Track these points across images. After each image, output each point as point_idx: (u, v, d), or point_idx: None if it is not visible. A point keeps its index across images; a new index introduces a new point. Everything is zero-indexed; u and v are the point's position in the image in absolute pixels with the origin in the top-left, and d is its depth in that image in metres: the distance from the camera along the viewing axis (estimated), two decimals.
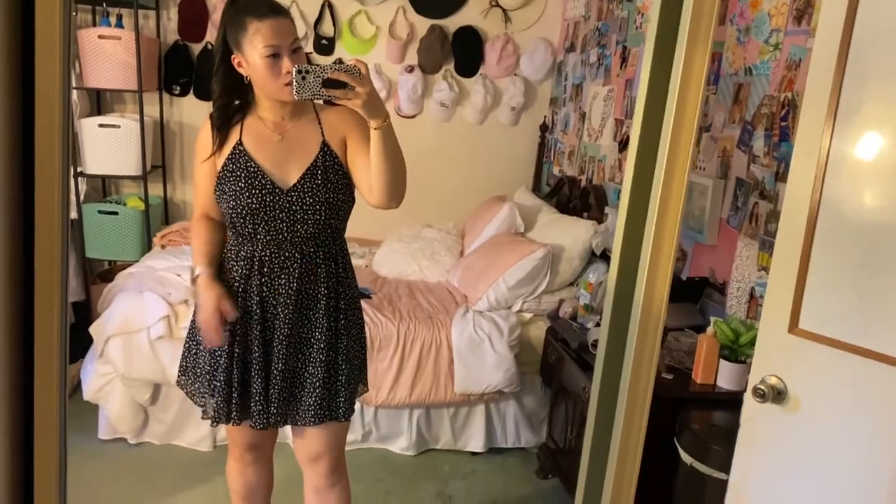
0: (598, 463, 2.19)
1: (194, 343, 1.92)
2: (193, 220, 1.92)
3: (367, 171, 1.75)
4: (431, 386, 3.01)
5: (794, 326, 1.59)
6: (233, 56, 1.74)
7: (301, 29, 4.22)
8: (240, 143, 1.79)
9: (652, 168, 2.02)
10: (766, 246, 2.32)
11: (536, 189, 4.50)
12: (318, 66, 1.54)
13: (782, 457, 1.64)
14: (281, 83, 1.69)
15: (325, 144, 1.81)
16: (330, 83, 1.53)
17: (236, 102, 1.83)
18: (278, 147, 1.80)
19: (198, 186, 1.90)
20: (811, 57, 1.55)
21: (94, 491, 2.71)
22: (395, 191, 1.74)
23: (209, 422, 1.91)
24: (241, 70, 1.75)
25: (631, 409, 2.10)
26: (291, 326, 1.82)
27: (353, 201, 1.87)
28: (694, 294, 2.68)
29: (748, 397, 1.66)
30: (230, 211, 1.78)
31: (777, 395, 1.61)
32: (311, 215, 1.78)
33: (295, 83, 1.53)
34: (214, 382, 1.86)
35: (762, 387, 1.61)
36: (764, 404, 1.62)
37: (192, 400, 1.96)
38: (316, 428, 1.88)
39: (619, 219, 2.06)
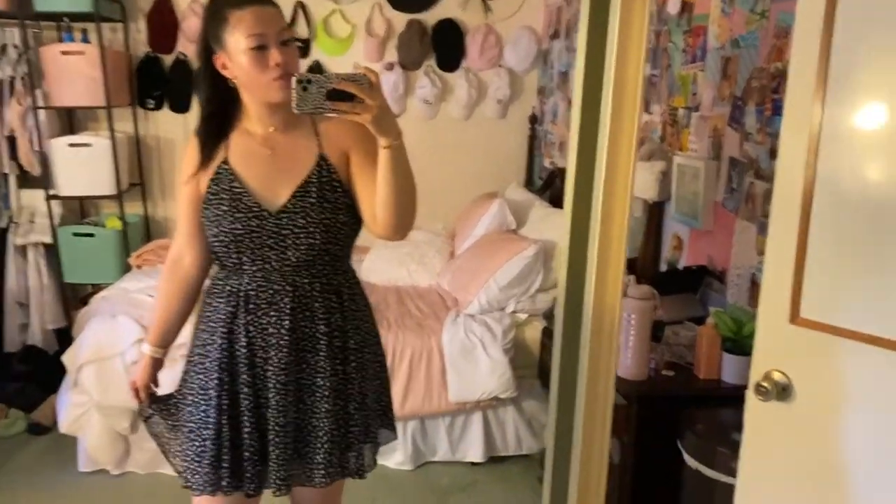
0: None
1: (180, 396, 1.67)
2: (165, 264, 1.71)
3: (371, 194, 1.52)
4: (424, 396, 2.87)
5: (795, 316, 1.45)
6: (215, 57, 1.52)
7: None
8: (225, 161, 1.58)
9: (594, 148, 1.88)
10: (765, 229, 2.16)
11: (529, 184, 4.36)
12: (321, 74, 1.33)
13: (791, 458, 1.50)
14: (269, 78, 1.48)
15: (321, 157, 1.57)
16: (335, 95, 1.32)
17: (223, 115, 1.62)
18: (268, 163, 1.57)
19: (180, 214, 1.68)
20: (795, 20, 1.40)
21: None
22: (404, 220, 1.51)
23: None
24: (225, 73, 1.53)
25: (590, 428, 2.01)
26: (288, 372, 1.57)
27: (358, 225, 1.62)
28: (693, 284, 2.53)
29: (750, 396, 1.53)
30: (213, 239, 1.58)
31: (781, 391, 1.48)
32: (303, 240, 1.54)
33: (295, 94, 1.32)
34: (199, 444, 1.59)
35: (765, 384, 1.48)
36: (768, 402, 1.49)
37: (168, 458, 1.71)
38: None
39: (564, 211, 1.96)
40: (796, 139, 1.44)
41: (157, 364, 1.73)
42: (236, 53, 1.48)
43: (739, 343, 2.14)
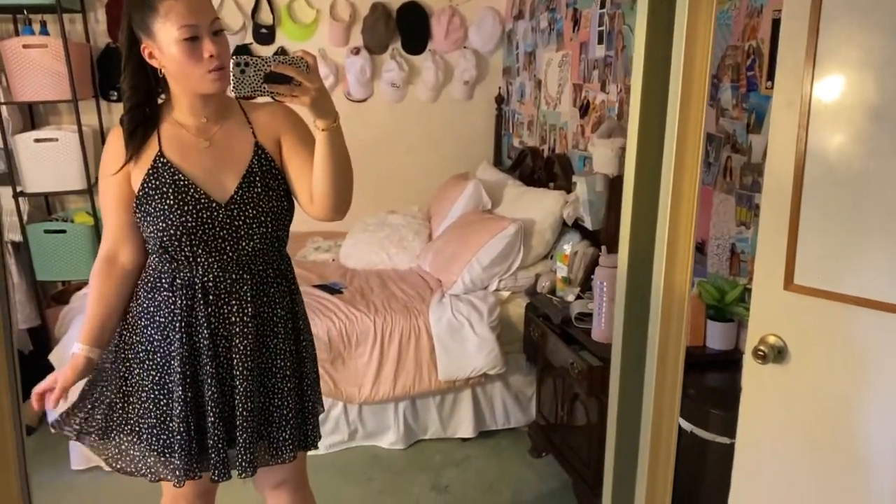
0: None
1: (121, 396, 1.62)
2: (97, 262, 1.61)
3: (306, 177, 1.56)
4: (415, 377, 2.92)
5: (789, 283, 1.54)
6: (142, 46, 1.48)
7: (238, 20, 4.05)
8: (161, 153, 1.54)
9: (660, 133, 1.84)
10: (743, 200, 2.27)
11: (498, 163, 4.41)
12: (258, 57, 1.35)
13: (788, 417, 1.60)
14: (203, 70, 1.46)
15: (258, 147, 1.59)
16: (273, 77, 1.34)
17: (149, 105, 1.57)
18: (207, 154, 1.56)
19: (107, 210, 1.60)
20: None
21: None
22: (342, 201, 1.54)
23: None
24: (152, 62, 1.49)
25: (657, 434, 1.94)
26: (253, 358, 1.59)
27: (293, 209, 1.66)
28: None
29: (748, 360, 1.62)
30: (159, 234, 1.53)
31: (777, 353, 1.57)
32: (256, 229, 1.56)
33: (233, 77, 1.33)
34: (166, 437, 1.59)
35: (762, 348, 1.57)
36: (765, 365, 1.58)
37: (121, 469, 1.64)
38: None
39: (624, 199, 1.93)
40: (786, 115, 1.51)
41: (89, 365, 1.60)
42: (167, 44, 1.44)
43: (722, 310, 2.23)
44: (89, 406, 1.65)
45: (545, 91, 3.73)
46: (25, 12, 3.52)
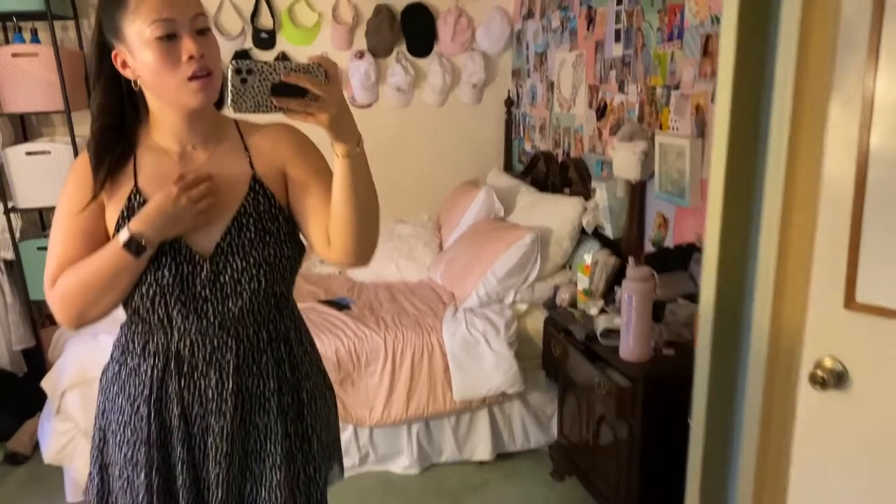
0: None
1: (97, 469, 1.40)
2: (49, 287, 1.29)
3: (320, 216, 1.29)
4: (428, 397, 2.76)
5: (850, 301, 1.39)
6: (114, 52, 1.22)
7: (237, 24, 3.90)
8: (136, 189, 1.27)
9: (755, 124, 1.55)
10: None
11: (509, 168, 4.26)
12: (264, 62, 1.07)
13: (850, 448, 1.44)
14: (182, 77, 1.18)
15: (255, 181, 1.31)
16: (282, 89, 1.06)
17: (122, 128, 1.29)
18: None
19: (63, 249, 1.27)
20: None
21: None
22: (366, 243, 1.27)
23: None
24: (125, 73, 1.23)
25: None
26: (232, 440, 1.32)
27: (302, 252, 1.37)
28: (683, 262, 2.50)
29: (803, 385, 1.46)
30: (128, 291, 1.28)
31: (837, 379, 1.41)
32: (245, 284, 1.28)
33: (231, 88, 1.05)
34: None
35: (820, 372, 1.41)
36: (825, 392, 1.42)
37: None
38: None
39: (709, 210, 1.67)
40: (845, 114, 1.36)
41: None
42: (139, 47, 1.18)
43: None
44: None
45: (558, 93, 3.57)
46: (15, 20, 3.37)
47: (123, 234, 1.22)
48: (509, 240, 2.96)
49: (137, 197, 1.27)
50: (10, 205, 3.40)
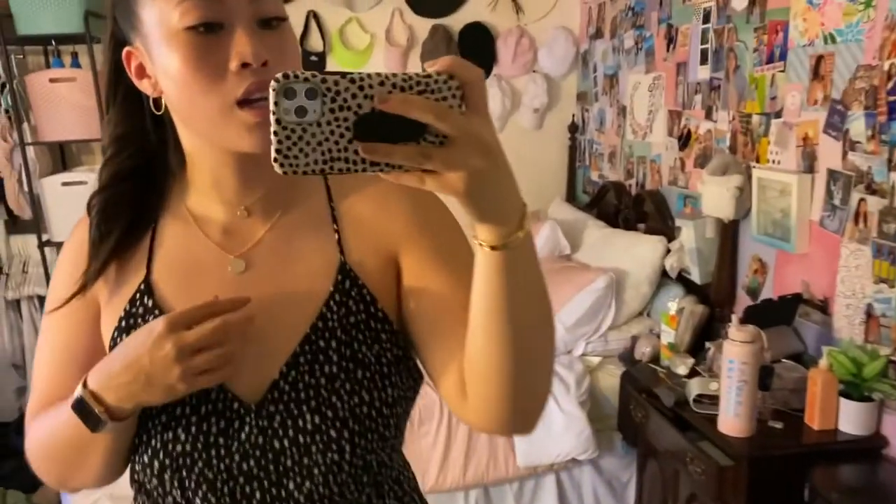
0: None
1: None
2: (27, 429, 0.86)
3: (453, 340, 0.75)
4: (488, 461, 2.45)
5: None
6: (125, 52, 0.77)
7: None
8: (145, 284, 0.81)
9: None
10: (884, 252, 1.83)
11: (572, 199, 3.94)
12: (340, 74, 0.54)
13: None
14: (228, 98, 0.70)
15: (346, 274, 0.80)
16: (375, 125, 0.55)
17: (144, 173, 0.84)
18: (236, 290, 0.77)
19: (47, 374, 0.85)
20: None
21: None
22: (528, 398, 0.73)
23: None
24: (142, 86, 0.77)
25: None
26: None
27: (417, 386, 0.87)
28: (786, 315, 2.16)
29: None
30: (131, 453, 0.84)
31: None
32: (318, 454, 0.78)
33: (275, 126, 0.54)
34: None
35: None
36: None
37: None
38: None
39: None
40: None
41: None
42: (162, 42, 0.71)
43: (859, 387, 1.83)
44: None
45: (631, 118, 3.26)
46: (54, 43, 3.21)
47: (77, 391, 0.75)
48: (579, 283, 2.64)
49: (145, 299, 0.81)
50: (44, 238, 3.22)
